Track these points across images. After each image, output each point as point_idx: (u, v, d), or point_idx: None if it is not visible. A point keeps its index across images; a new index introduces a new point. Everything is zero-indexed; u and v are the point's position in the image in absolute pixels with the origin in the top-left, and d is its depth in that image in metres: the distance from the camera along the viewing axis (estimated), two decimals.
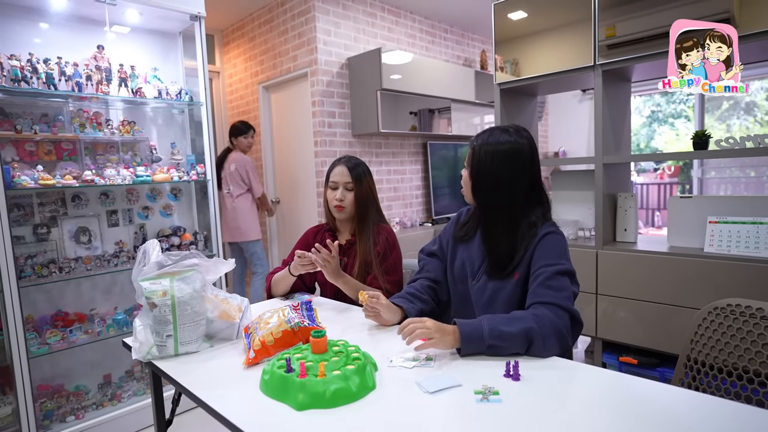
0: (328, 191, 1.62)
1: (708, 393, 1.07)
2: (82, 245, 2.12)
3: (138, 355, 1.11)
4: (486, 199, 1.22)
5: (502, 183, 1.19)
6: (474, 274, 1.27)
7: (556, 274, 1.09)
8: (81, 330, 2.01)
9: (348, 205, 1.58)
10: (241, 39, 4.09)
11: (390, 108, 3.44)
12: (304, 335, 1.06)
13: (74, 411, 2.00)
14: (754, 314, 1.07)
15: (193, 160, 2.38)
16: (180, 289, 1.13)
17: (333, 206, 1.59)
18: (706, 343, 1.11)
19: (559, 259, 1.13)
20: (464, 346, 1.01)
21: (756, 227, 1.72)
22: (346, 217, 1.61)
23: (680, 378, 1.12)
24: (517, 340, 1.00)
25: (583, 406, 0.80)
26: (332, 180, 1.60)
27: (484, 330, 1.01)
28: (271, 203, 4.03)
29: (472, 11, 4.00)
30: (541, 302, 1.07)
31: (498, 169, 1.18)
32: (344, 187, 1.58)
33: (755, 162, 4.45)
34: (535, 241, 1.17)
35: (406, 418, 0.79)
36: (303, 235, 1.73)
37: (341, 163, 1.61)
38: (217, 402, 0.87)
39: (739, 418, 0.74)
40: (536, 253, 1.16)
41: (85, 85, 2.01)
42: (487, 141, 1.20)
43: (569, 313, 1.05)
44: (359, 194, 1.58)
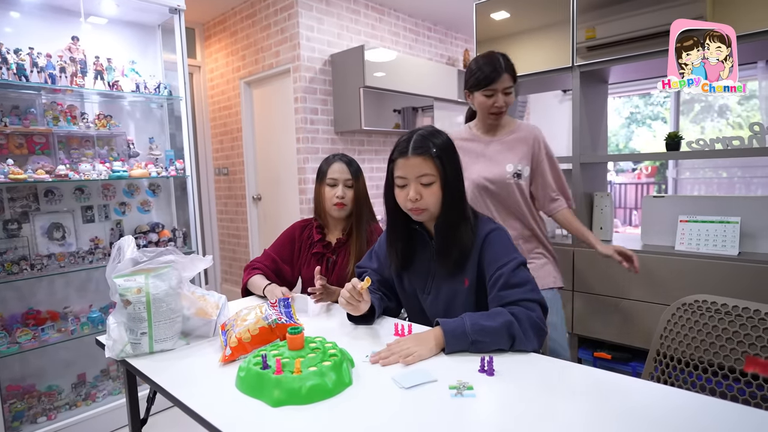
0: (324, 188, 1.57)
1: (676, 386, 1.11)
2: (56, 242, 2.07)
3: (111, 353, 1.09)
4: (449, 207, 1.15)
5: (462, 182, 1.18)
6: (424, 288, 1.25)
7: (515, 271, 1.10)
8: (54, 328, 1.96)
9: (349, 203, 1.56)
10: (222, 33, 4.03)
11: (373, 105, 3.44)
12: (282, 332, 1.06)
13: (46, 411, 1.96)
14: (719, 310, 1.11)
15: (172, 155, 2.34)
16: (155, 286, 1.11)
17: (333, 204, 1.55)
18: (674, 338, 1.15)
19: (509, 255, 1.12)
20: (450, 343, 1.01)
21: (723, 226, 1.78)
22: (345, 214, 1.58)
23: (650, 372, 1.16)
24: (499, 334, 1.01)
25: (556, 400, 0.82)
26: (331, 177, 1.56)
27: (466, 326, 1.01)
28: (253, 199, 3.99)
29: (455, 10, 4.02)
30: (509, 302, 1.07)
31: (459, 168, 1.17)
32: (344, 184, 1.55)
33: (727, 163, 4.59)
34: (479, 241, 1.16)
35: (381, 414, 0.79)
36: (289, 229, 1.69)
37: (338, 160, 1.58)
38: (192, 400, 0.86)
39: (704, 410, 0.77)
40: (486, 255, 1.14)
41: (59, 77, 1.95)
42: (440, 144, 1.13)
43: (538, 303, 1.08)
44: (358, 192, 1.57)
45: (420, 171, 1.12)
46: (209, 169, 4.36)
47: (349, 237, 1.60)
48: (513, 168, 1.59)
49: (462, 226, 1.16)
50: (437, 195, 1.13)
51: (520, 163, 1.59)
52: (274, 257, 1.64)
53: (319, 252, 1.61)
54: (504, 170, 1.59)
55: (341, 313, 1.38)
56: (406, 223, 1.22)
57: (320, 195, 1.60)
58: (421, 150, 1.11)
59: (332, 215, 1.59)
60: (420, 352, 0.99)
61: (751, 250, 1.77)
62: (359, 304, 1.15)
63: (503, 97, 1.55)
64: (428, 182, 1.12)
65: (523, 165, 1.60)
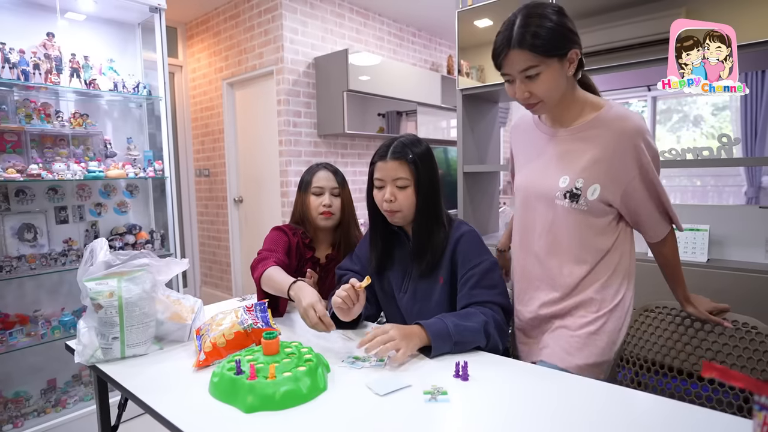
0: (310, 197, 1.47)
1: (639, 389, 1.14)
2: (27, 243, 2.01)
3: (81, 359, 1.07)
4: (422, 212, 1.19)
5: (438, 190, 1.22)
6: (400, 287, 1.28)
7: (487, 273, 1.16)
8: (23, 332, 1.90)
9: (336, 212, 1.47)
10: (205, 33, 3.99)
11: (357, 109, 3.44)
12: (257, 337, 1.05)
13: (12, 419, 1.89)
14: (678, 315, 1.16)
15: (151, 156, 2.30)
16: (128, 289, 1.09)
17: (319, 213, 1.45)
18: (636, 343, 1.19)
19: (481, 256, 1.17)
20: (436, 347, 1.03)
21: (693, 234, 1.84)
22: (333, 224, 1.49)
23: (614, 375, 1.19)
24: (478, 333, 1.06)
25: (527, 404, 0.84)
26: (316, 185, 1.47)
27: (449, 328, 1.04)
28: (234, 201, 3.95)
29: (440, 16, 4.06)
30: (478, 302, 1.13)
31: (435, 176, 1.21)
32: (331, 192, 1.47)
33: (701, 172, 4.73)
34: (452, 242, 1.20)
35: (355, 419, 0.79)
36: (278, 232, 1.48)
37: (323, 168, 1.51)
38: (162, 406, 0.85)
39: (662, 411, 0.79)
40: (458, 255, 1.19)
41: (33, 74, 1.90)
42: (417, 152, 1.17)
43: (503, 307, 1.15)
44: (345, 200, 1.50)
45: (396, 174, 1.18)
46: (190, 170, 4.30)
47: (339, 251, 1.52)
48: (568, 183, 1.03)
49: (435, 230, 1.20)
50: (411, 199, 1.18)
51: (581, 177, 1.01)
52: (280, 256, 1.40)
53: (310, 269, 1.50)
54: (554, 184, 1.05)
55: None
56: (386, 224, 1.27)
57: (305, 204, 1.49)
58: (399, 155, 1.18)
59: (319, 225, 1.48)
60: (405, 349, 0.99)
61: (719, 257, 1.83)
62: (352, 308, 1.13)
63: (523, 84, 0.99)
64: (403, 185, 1.18)
65: (588, 182, 1.01)
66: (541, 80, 0.98)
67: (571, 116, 1.06)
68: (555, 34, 0.96)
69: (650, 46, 1.90)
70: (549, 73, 0.97)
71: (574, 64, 1.00)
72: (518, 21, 0.98)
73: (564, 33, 0.97)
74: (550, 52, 0.96)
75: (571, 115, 1.06)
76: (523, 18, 0.97)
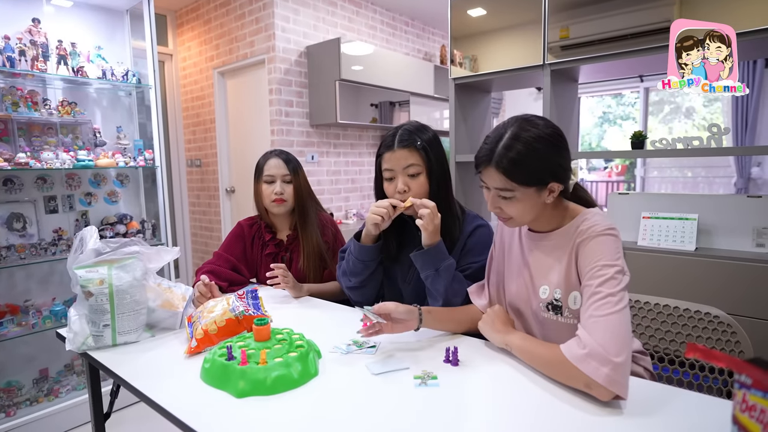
0: (262, 186, 1.55)
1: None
2: (16, 232, 1.99)
3: (72, 346, 1.07)
4: (436, 199, 1.16)
5: (449, 176, 1.22)
6: (405, 277, 1.29)
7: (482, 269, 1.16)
8: (13, 322, 1.89)
9: (288, 198, 1.54)
10: (195, 21, 3.93)
11: (350, 99, 3.42)
12: (249, 324, 1.05)
13: (4, 408, 1.89)
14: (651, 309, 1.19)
15: (141, 145, 2.28)
16: (119, 277, 1.09)
17: (271, 201, 1.53)
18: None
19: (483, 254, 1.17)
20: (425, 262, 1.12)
21: (682, 222, 1.86)
22: (286, 210, 1.56)
23: None
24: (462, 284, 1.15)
25: (516, 389, 0.85)
26: (268, 174, 1.54)
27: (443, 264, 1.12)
28: (226, 191, 3.93)
29: (433, 6, 4.03)
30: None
31: (445, 161, 1.21)
32: (282, 179, 1.53)
33: (692, 163, 4.78)
34: (465, 235, 1.20)
35: (345, 404, 0.80)
36: (236, 228, 1.62)
37: (274, 155, 1.57)
38: (155, 392, 0.85)
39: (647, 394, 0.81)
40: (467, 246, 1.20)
41: (18, 61, 1.87)
42: (425, 138, 1.17)
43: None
44: (298, 186, 1.55)
45: (406, 162, 1.16)
46: (181, 160, 4.26)
47: (297, 231, 1.58)
48: (548, 294, 0.96)
49: (449, 219, 1.20)
50: (424, 186, 1.17)
51: (558, 288, 0.95)
52: (227, 257, 1.56)
53: (273, 252, 1.58)
54: (534, 295, 0.99)
55: (309, 305, 1.38)
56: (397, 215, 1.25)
57: (258, 193, 1.57)
58: (407, 142, 1.16)
59: (272, 212, 1.57)
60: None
61: (707, 246, 1.86)
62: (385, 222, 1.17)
63: (497, 199, 0.94)
64: (415, 173, 1.16)
65: (566, 291, 0.94)
66: (513, 203, 0.91)
67: (549, 226, 0.98)
68: (536, 167, 0.88)
69: (643, 36, 1.90)
70: (523, 199, 0.90)
71: (555, 193, 0.92)
72: (504, 139, 0.89)
73: (547, 166, 0.89)
74: (527, 183, 0.89)
75: (550, 225, 0.98)
76: (509, 138, 0.89)
